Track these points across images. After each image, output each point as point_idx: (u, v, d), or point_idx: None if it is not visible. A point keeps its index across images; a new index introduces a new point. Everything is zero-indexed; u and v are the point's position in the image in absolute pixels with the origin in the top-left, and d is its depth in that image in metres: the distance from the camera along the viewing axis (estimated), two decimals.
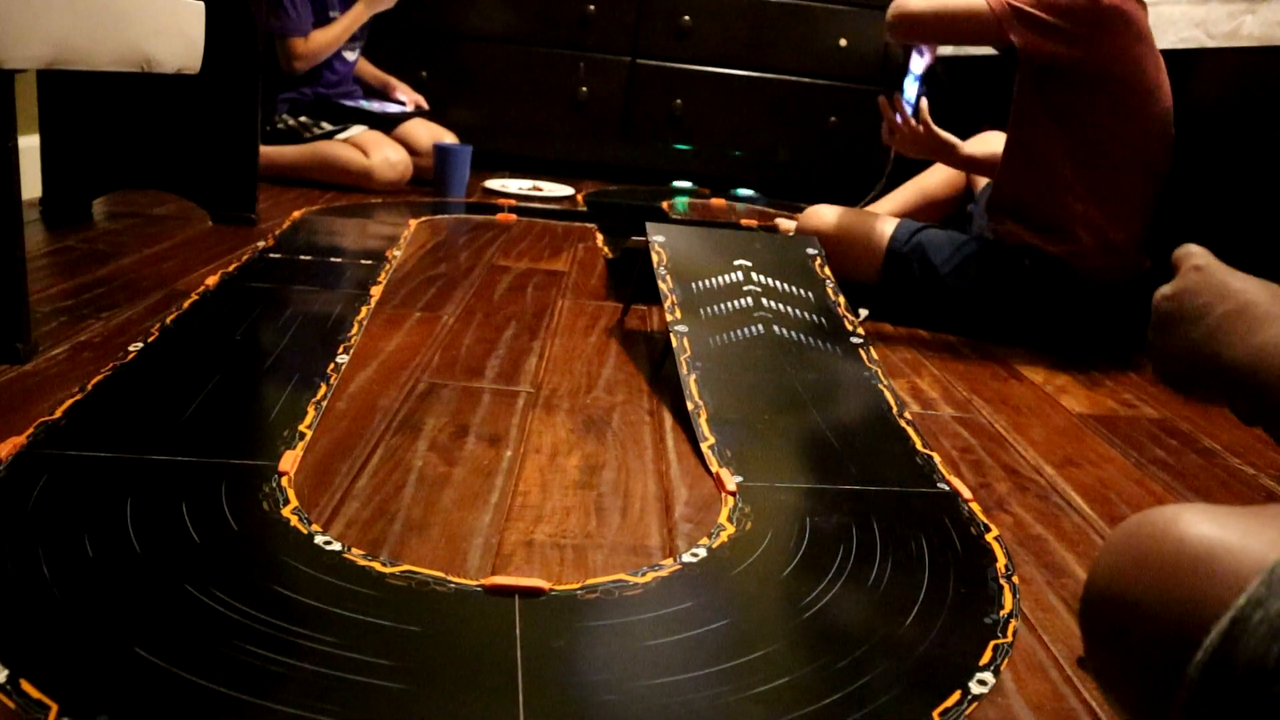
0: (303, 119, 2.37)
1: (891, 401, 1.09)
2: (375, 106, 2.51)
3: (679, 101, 2.90)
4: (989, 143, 1.70)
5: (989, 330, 1.50)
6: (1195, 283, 0.61)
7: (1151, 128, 1.43)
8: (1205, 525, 0.44)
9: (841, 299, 1.28)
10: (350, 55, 2.48)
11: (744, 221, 2.34)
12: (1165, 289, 0.64)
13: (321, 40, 2.35)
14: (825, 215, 1.66)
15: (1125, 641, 0.45)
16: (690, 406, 1.01)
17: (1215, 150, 1.52)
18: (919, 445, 1.00)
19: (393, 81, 2.62)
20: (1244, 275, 0.61)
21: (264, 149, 2.10)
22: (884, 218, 1.64)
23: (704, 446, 0.94)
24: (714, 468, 0.90)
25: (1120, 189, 1.45)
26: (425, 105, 2.61)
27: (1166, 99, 1.45)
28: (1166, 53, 1.50)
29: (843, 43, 2.85)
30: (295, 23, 2.30)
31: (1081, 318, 1.47)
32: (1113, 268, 1.47)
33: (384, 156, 2.32)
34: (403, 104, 2.58)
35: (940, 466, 0.95)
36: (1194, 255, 0.64)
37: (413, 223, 1.96)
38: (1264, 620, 0.37)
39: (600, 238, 2.02)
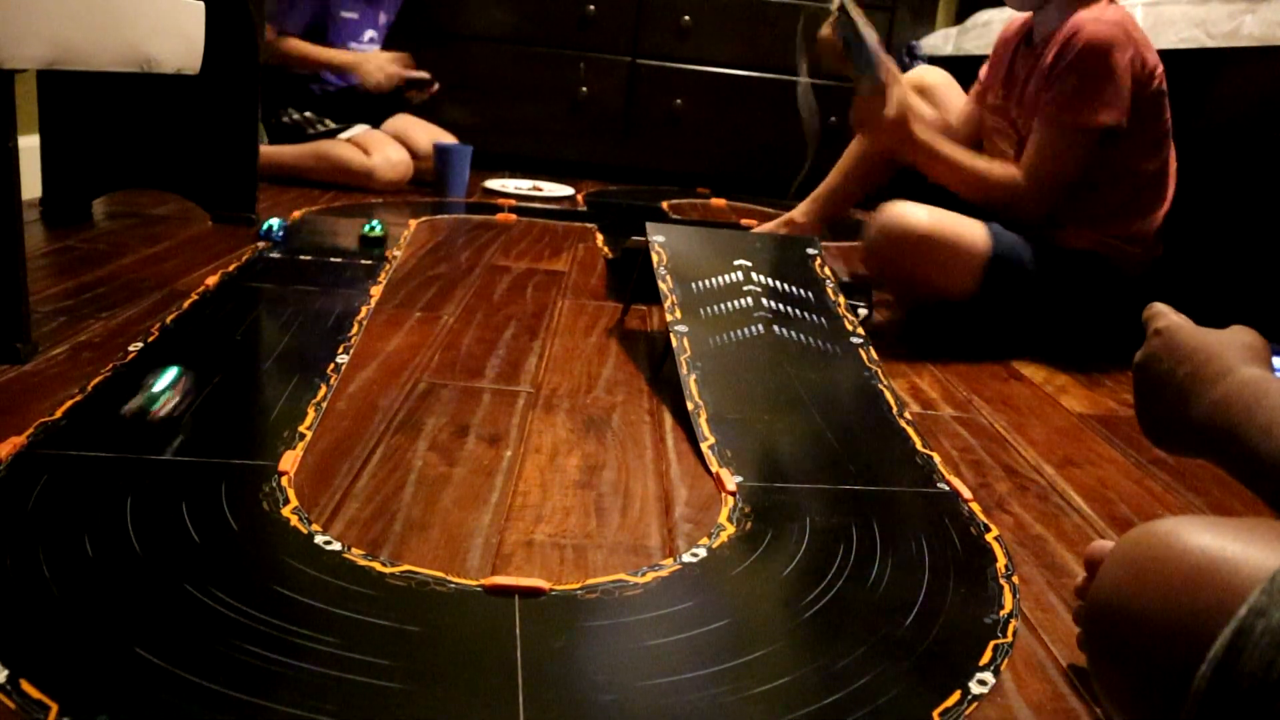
0: (307, 114, 2.37)
1: (891, 401, 1.09)
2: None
3: (679, 101, 2.90)
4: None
5: (1050, 336, 1.46)
6: (1158, 348, 0.65)
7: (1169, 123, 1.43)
8: (1205, 536, 0.44)
9: (841, 299, 1.28)
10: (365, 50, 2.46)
11: (744, 222, 2.34)
12: (1137, 355, 0.68)
13: (296, 49, 2.31)
14: (918, 216, 1.40)
15: (1129, 655, 0.45)
16: (690, 406, 1.01)
17: (1215, 150, 1.52)
18: (919, 445, 1.00)
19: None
20: (1203, 331, 0.64)
21: (264, 148, 2.09)
22: (971, 220, 1.43)
23: (704, 446, 0.94)
24: (714, 468, 0.90)
25: (1161, 182, 1.44)
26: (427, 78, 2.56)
27: None
28: (1167, 53, 1.50)
29: None
30: (277, 11, 2.27)
31: (1118, 311, 1.43)
32: (1146, 259, 1.47)
33: (385, 156, 2.32)
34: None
35: (940, 466, 0.95)
36: (1157, 317, 0.67)
37: (413, 223, 1.96)
38: (1266, 630, 0.37)
39: (600, 238, 2.02)
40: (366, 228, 1.73)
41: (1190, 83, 1.51)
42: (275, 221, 1.70)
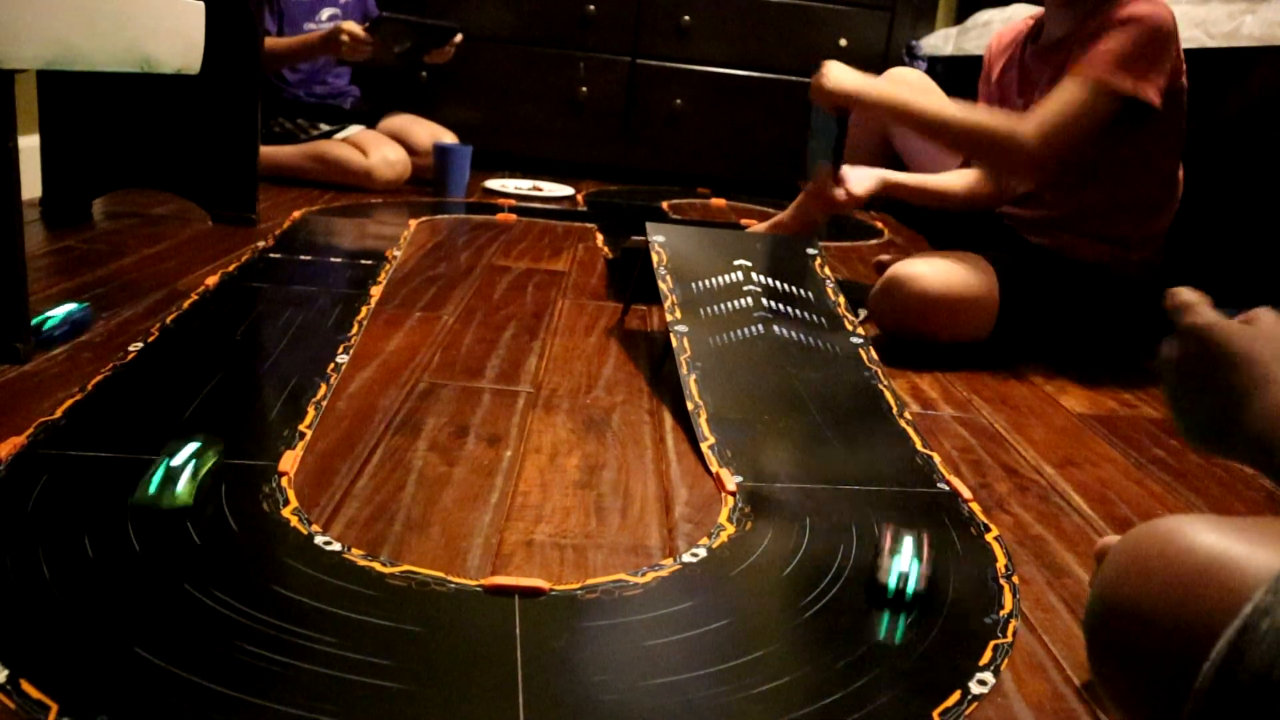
0: (299, 121, 2.36)
1: (891, 401, 1.09)
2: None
3: (679, 101, 2.90)
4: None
5: (1058, 345, 1.43)
6: (1197, 348, 0.60)
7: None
8: (1210, 535, 0.44)
9: (841, 299, 1.28)
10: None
11: (743, 221, 2.34)
12: (1167, 350, 0.62)
13: (269, 45, 2.20)
14: (925, 279, 1.33)
15: (1132, 654, 0.45)
16: (690, 406, 1.01)
17: (1215, 151, 1.52)
18: (919, 445, 1.00)
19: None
20: (1243, 332, 0.59)
21: (263, 149, 2.09)
22: (977, 264, 1.38)
23: (704, 446, 0.94)
24: (714, 468, 0.90)
25: (1172, 184, 1.42)
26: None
27: None
28: None
29: (843, 43, 2.85)
30: None
31: (1122, 317, 1.41)
32: (1150, 265, 1.45)
33: (382, 156, 2.32)
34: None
35: (940, 466, 0.95)
36: (1188, 311, 0.61)
37: (413, 223, 1.96)
38: (1270, 630, 0.36)
39: (600, 238, 2.02)
40: (153, 481, 0.75)
41: (1190, 82, 1.51)
42: (59, 313, 1.09)
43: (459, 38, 2.39)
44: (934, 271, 1.35)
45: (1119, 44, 1.29)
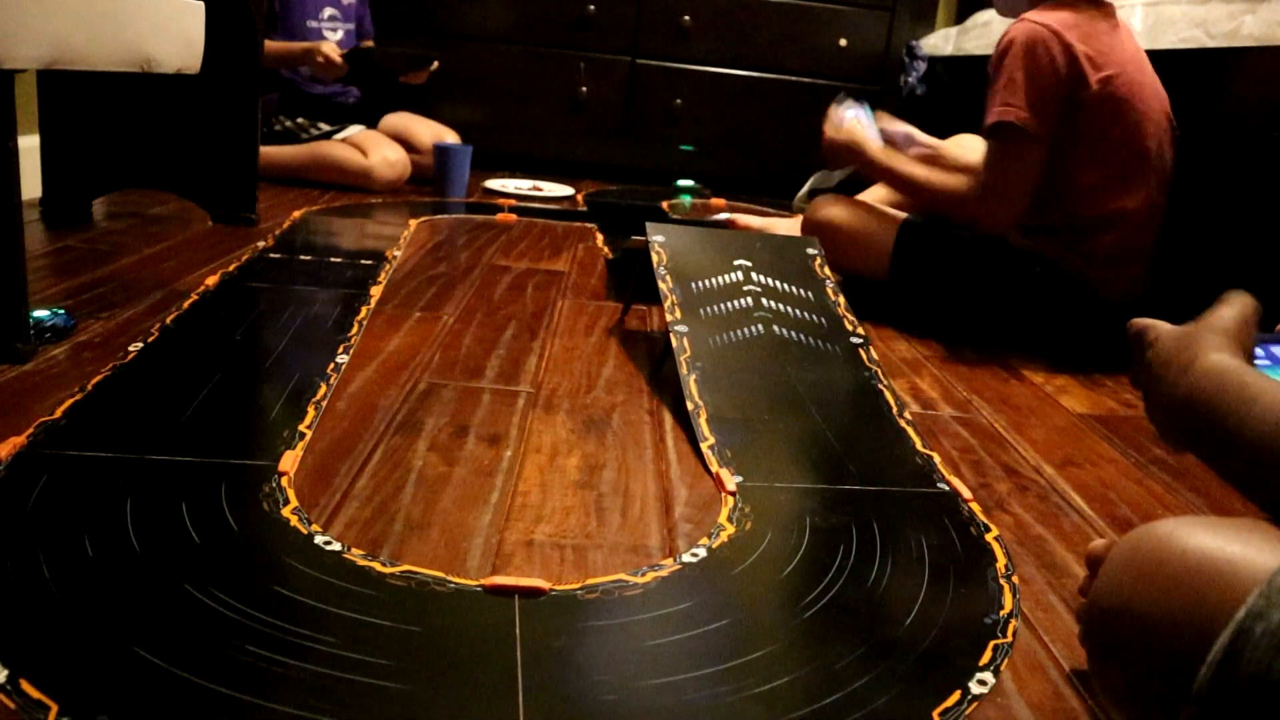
0: (299, 120, 2.36)
1: (891, 401, 1.09)
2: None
3: (679, 101, 2.90)
4: (961, 145, 1.73)
5: (993, 333, 1.48)
6: (1151, 357, 0.64)
7: (1153, 130, 1.42)
8: (1205, 537, 0.44)
9: (841, 299, 1.28)
10: (333, 37, 2.43)
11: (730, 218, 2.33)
12: (1132, 372, 0.66)
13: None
14: (833, 210, 1.65)
15: (1130, 657, 0.45)
16: (690, 406, 1.01)
17: (1214, 151, 1.52)
18: (919, 445, 1.00)
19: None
20: (1184, 327, 0.63)
21: (263, 149, 2.09)
22: (893, 213, 1.62)
23: (704, 446, 0.94)
24: (714, 468, 0.90)
25: (1132, 199, 1.42)
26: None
27: (1162, 102, 1.44)
28: (1167, 53, 1.50)
29: (843, 43, 2.85)
30: None
31: (1086, 329, 1.44)
32: (1121, 281, 1.45)
33: (382, 156, 2.32)
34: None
35: (940, 466, 0.95)
36: (1148, 330, 0.66)
37: (413, 223, 1.96)
38: (1265, 633, 0.37)
39: (600, 238, 2.02)
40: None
41: (1190, 83, 1.51)
42: (44, 313, 1.09)
43: (435, 65, 2.49)
44: (845, 210, 1.64)
45: (993, 84, 1.40)
